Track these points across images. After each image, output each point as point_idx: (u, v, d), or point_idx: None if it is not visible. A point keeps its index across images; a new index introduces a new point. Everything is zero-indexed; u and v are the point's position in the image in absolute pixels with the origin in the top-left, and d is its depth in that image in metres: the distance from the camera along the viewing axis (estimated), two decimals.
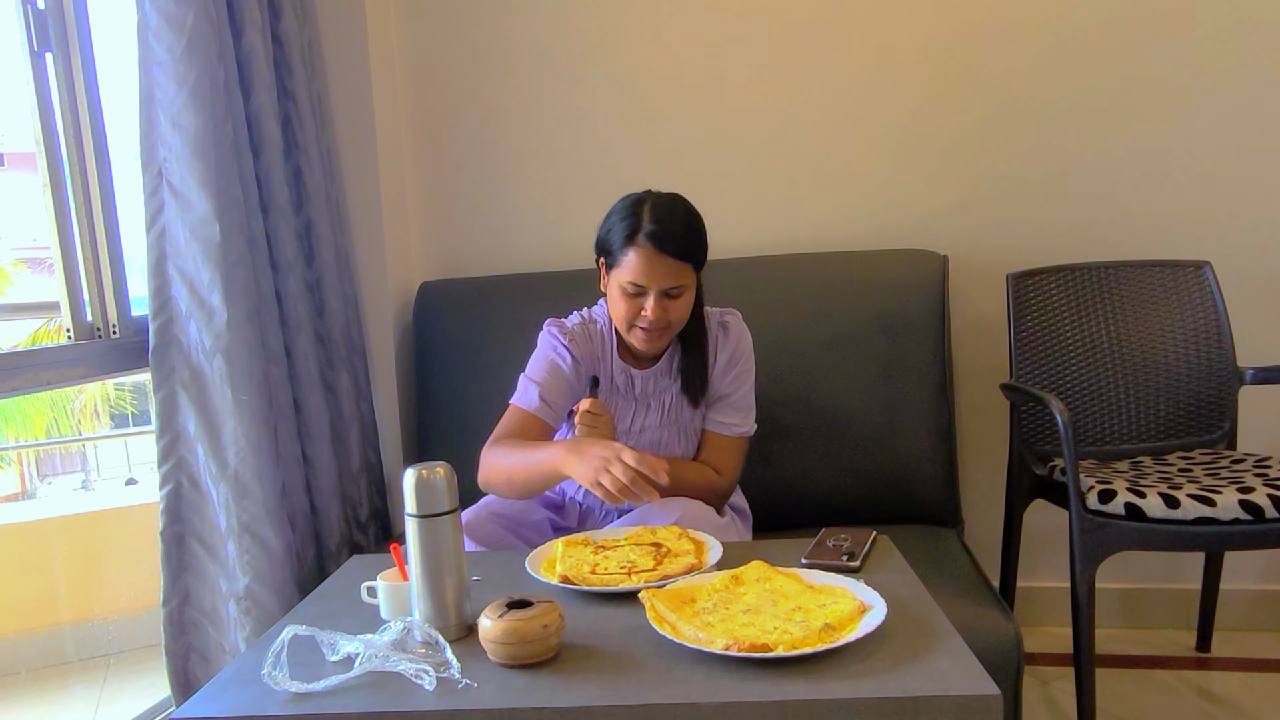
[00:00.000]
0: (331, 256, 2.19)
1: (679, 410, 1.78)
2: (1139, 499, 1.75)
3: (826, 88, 2.39)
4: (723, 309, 1.82)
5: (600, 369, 1.78)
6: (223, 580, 1.84)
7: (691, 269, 1.65)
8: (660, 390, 1.78)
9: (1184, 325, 2.19)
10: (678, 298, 1.65)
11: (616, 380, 1.78)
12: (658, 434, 1.78)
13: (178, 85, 1.76)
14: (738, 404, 1.77)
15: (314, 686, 1.07)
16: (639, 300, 1.63)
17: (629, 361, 1.78)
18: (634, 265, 1.61)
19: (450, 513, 1.21)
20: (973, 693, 0.98)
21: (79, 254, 1.80)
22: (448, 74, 2.52)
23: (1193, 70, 2.25)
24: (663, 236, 1.60)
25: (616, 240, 1.64)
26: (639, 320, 1.64)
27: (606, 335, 1.79)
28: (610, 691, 1.03)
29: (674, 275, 1.62)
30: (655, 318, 1.62)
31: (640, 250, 1.60)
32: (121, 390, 7.47)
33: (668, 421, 1.78)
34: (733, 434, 1.77)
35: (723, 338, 1.77)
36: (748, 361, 1.79)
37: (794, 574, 1.30)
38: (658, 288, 1.62)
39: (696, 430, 1.80)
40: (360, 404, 2.27)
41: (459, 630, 1.21)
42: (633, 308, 1.64)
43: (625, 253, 1.62)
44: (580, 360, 1.73)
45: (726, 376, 1.76)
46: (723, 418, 1.77)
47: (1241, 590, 2.34)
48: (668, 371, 1.77)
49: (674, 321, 1.66)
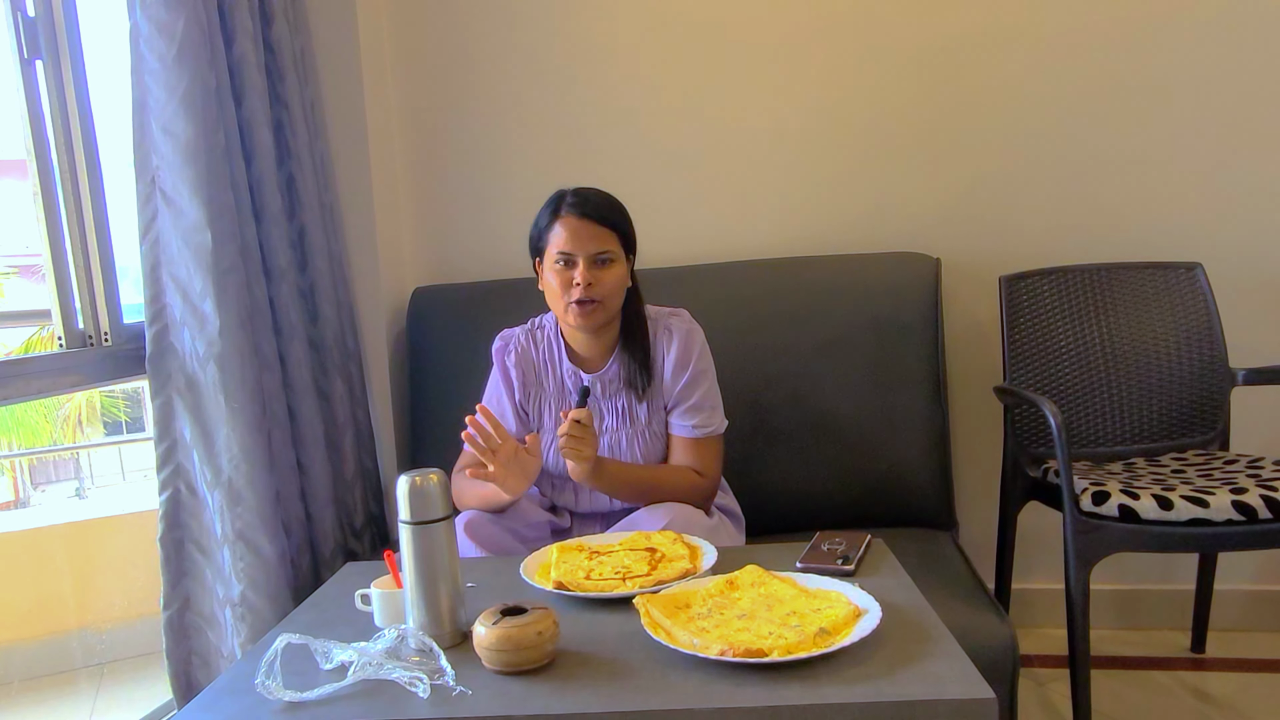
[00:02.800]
0: (325, 263, 2.18)
1: (633, 411, 1.78)
2: (1133, 501, 1.76)
3: (819, 92, 2.39)
4: (671, 309, 1.83)
5: (548, 374, 1.81)
6: (219, 586, 1.84)
7: (618, 240, 1.70)
8: (612, 392, 1.79)
9: (1176, 327, 2.19)
10: (606, 266, 1.68)
11: (568, 384, 1.80)
12: (615, 436, 1.78)
13: (169, 93, 1.75)
14: (700, 404, 1.77)
15: (308, 695, 1.07)
16: (569, 272, 1.67)
17: (578, 364, 1.80)
18: (559, 236, 1.68)
19: (444, 519, 1.21)
20: (968, 696, 0.98)
21: (70, 261, 1.80)
22: (440, 80, 2.52)
23: (1184, 73, 2.26)
24: (584, 204, 1.70)
25: (543, 224, 1.72)
26: (571, 293, 1.67)
27: (554, 340, 1.82)
28: (606, 698, 1.03)
29: (599, 240, 1.68)
30: (585, 283, 1.65)
31: (564, 220, 1.69)
32: (114, 397, 7.45)
33: (623, 424, 1.78)
34: (702, 434, 1.76)
35: (667, 338, 1.77)
36: (701, 360, 1.78)
37: (789, 578, 1.30)
38: (585, 252, 1.67)
39: (656, 433, 1.79)
40: (354, 410, 2.26)
41: (453, 637, 1.21)
42: (564, 280, 1.68)
43: (551, 229, 1.70)
44: (523, 374, 1.82)
45: (680, 378, 1.76)
46: (688, 420, 1.76)
47: (1235, 591, 2.34)
48: (616, 374, 1.78)
49: (606, 295, 1.68)
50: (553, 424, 1.79)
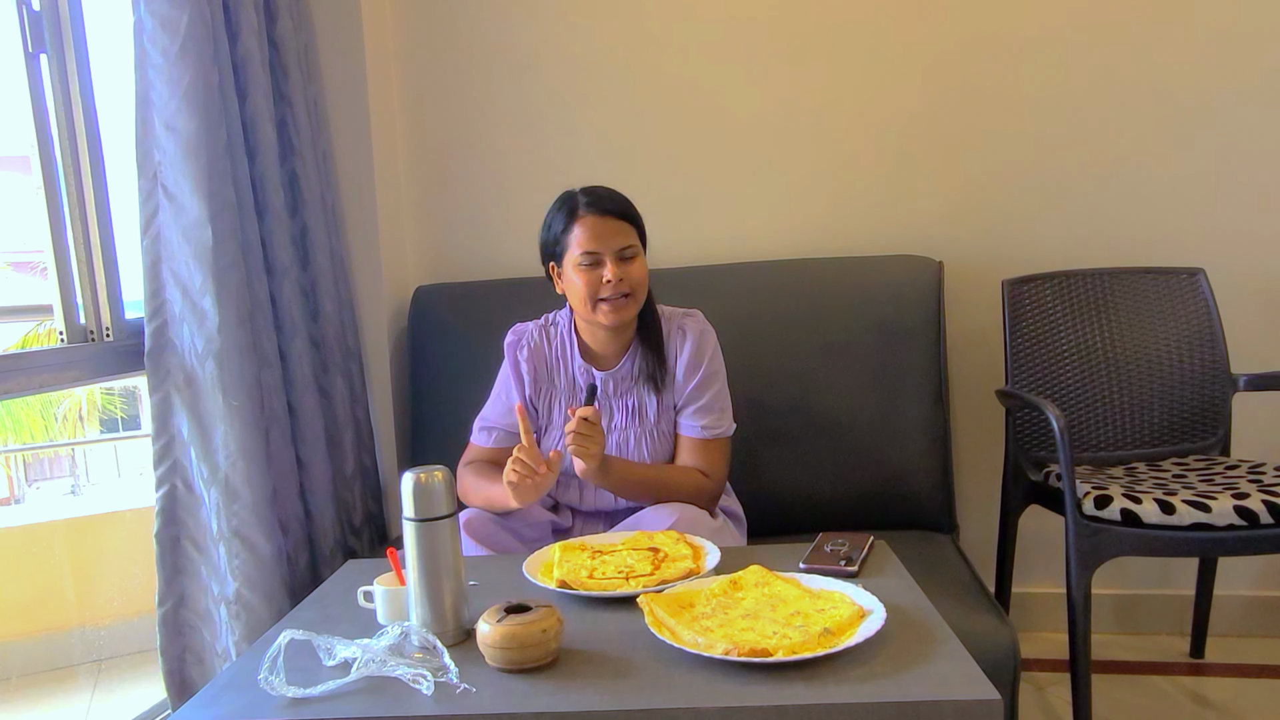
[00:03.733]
0: (326, 261, 2.18)
1: (643, 410, 1.78)
2: (1135, 505, 1.76)
3: (823, 95, 2.40)
4: (684, 310, 1.83)
5: (560, 371, 1.81)
6: (214, 583, 1.83)
7: (636, 234, 1.71)
8: (623, 391, 1.78)
9: (1178, 332, 2.19)
10: (632, 260, 1.69)
11: (579, 382, 1.80)
12: (623, 434, 1.78)
13: (172, 88, 1.75)
14: (710, 405, 1.76)
15: (311, 691, 1.06)
16: (597, 271, 1.67)
17: (591, 362, 1.79)
18: (582, 236, 1.67)
19: (448, 517, 1.21)
20: (973, 698, 0.98)
21: (72, 256, 1.80)
22: (444, 79, 2.52)
23: (1188, 79, 2.26)
24: (601, 201, 1.70)
25: (559, 228, 1.71)
26: (602, 290, 1.67)
27: (567, 337, 1.82)
28: (609, 696, 1.03)
29: (622, 235, 1.68)
30: (617, 278, 1.65)
31: (584, 220, 1.68)
32: (111, 395, 7.42)
33: (633, 422, 1.78)
34: (711, 436, 1.76)
35: (680, 338, 1.77)
36: (713, 361, 1.79)
37: (792, 579, 1.29)
38: (610, 249, 1.67)
39: (664, 432, 1.79)
40: (355, 408, 2.26)
41: (457, 635, 1.20)
42: (593, 279, 1.67)
43: (570, 231, 1.69)
44: (534, 369, 1.81)
45: (692, 378, 1.76)
46: (698, 420, 1.76)
47: (1235, 596, 2.34)
48: (630, 372, 1.78)
49: (635, 287, 1.69)
50: (561, 421, 1.79)
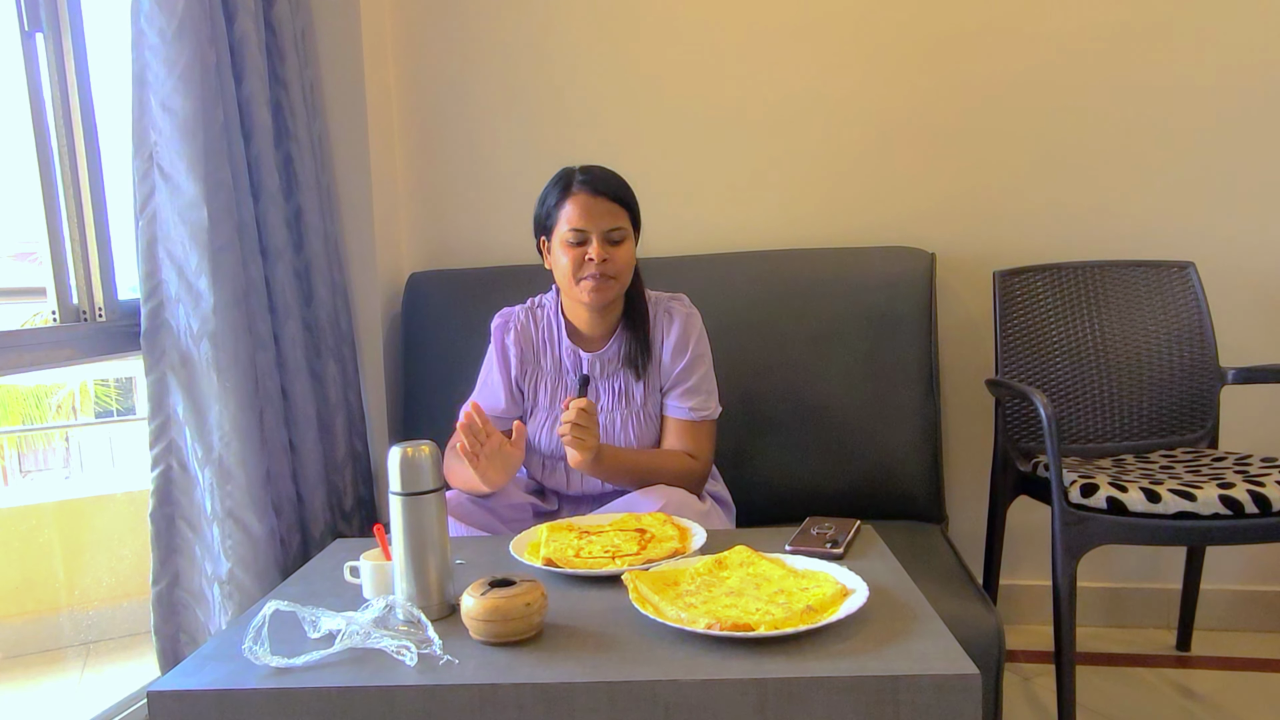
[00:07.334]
0: (321, 244, 2.18)
1: (630, 393, 1.79)
2: (1121, 493, 1.77)
3: (816, 85, 2.40)
4: (670, 294, 1.84)
5: (546, 353, 1.82)
6: (208, 563, 1.84)
7: (628, 218, 1.72)
8: (610, 373, 1.79)
9: (1167, 325, 2.20)
10: (619, 244, 1.70)
11: (566, 364, 1.80)
12: (610, 416, 1.79)
13: (168, 68, 1.75)
14: (697, 387, 1.78)
15: (294, 661, 1.07)
16: (582, 249, 1.68)
17: (578, 344, 1.80)
18: (572, 213, 1.68)
19: (435, 491, 1.21)
20: (952, 672, 0.99)
21: (66, 236, 1.80)
22: (440, 65, 2.52)
23: (1180, 73, 2.27)
24: (596, 181, 1.70)
25: (552, 202, 1.72)
26: (585, 269, 1.68)
27: (554, 319, 1.82)
28: (591, 669, 1.03)
29: (611, 216, 1.69)
30: (600, 259, 1.66)
31: (575, 198, 1.69)
32: (105, 386, 7.41)
33: (619, 405, 1.79)
34: (698, 418, 1.78)
35: (667, 321, 1.79)
36: (700, 344, 1.80)
37: (777, 559, 1.30)
38: (598, 229, 1.67)
39: (650, 415, 1.80)
40: (347, 392, 2.26)
41: (441, 609, 1.21)
42: (577, 256, 1.68)
43: (561, 207, 1.70)
44: (521, 351, 1.81)
45: (679, 361, 1.77)
46: (685, 402, 1.77)
47: (1221, 590, 2.35)
48: (616, 355, 1.79)
49: (619, 270, 1.70)
50: (547, 403, 1.80)
